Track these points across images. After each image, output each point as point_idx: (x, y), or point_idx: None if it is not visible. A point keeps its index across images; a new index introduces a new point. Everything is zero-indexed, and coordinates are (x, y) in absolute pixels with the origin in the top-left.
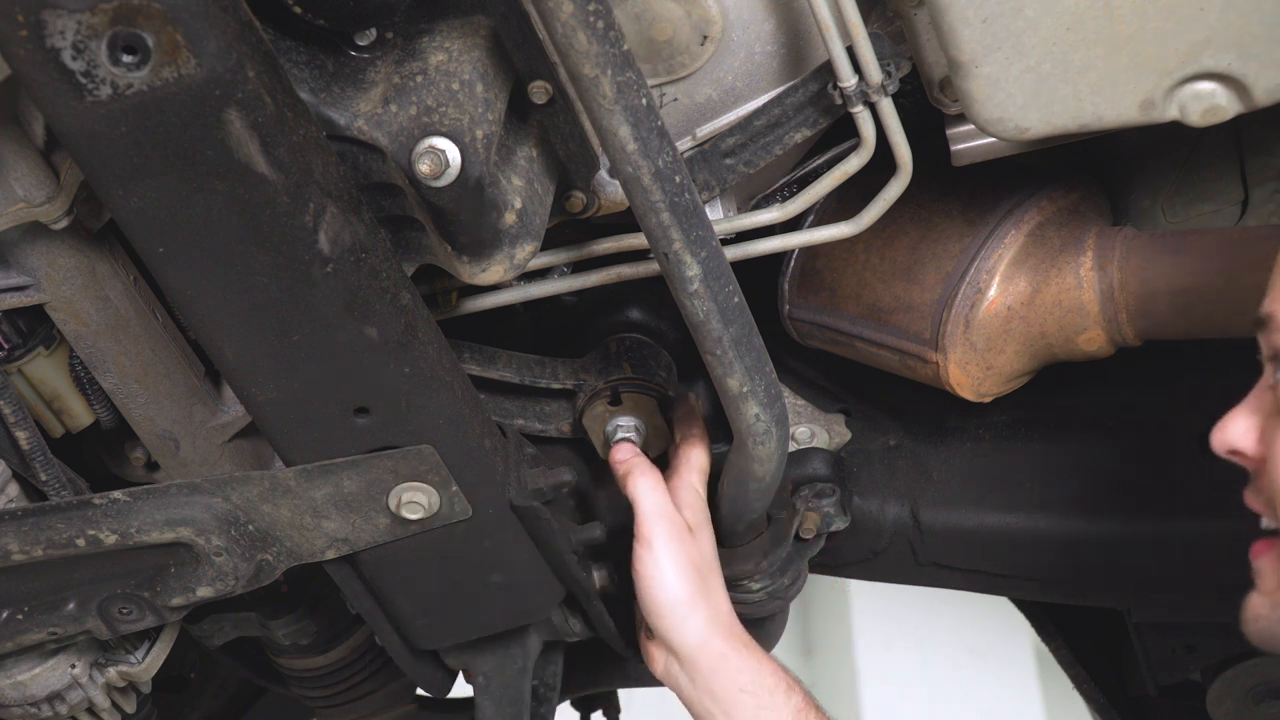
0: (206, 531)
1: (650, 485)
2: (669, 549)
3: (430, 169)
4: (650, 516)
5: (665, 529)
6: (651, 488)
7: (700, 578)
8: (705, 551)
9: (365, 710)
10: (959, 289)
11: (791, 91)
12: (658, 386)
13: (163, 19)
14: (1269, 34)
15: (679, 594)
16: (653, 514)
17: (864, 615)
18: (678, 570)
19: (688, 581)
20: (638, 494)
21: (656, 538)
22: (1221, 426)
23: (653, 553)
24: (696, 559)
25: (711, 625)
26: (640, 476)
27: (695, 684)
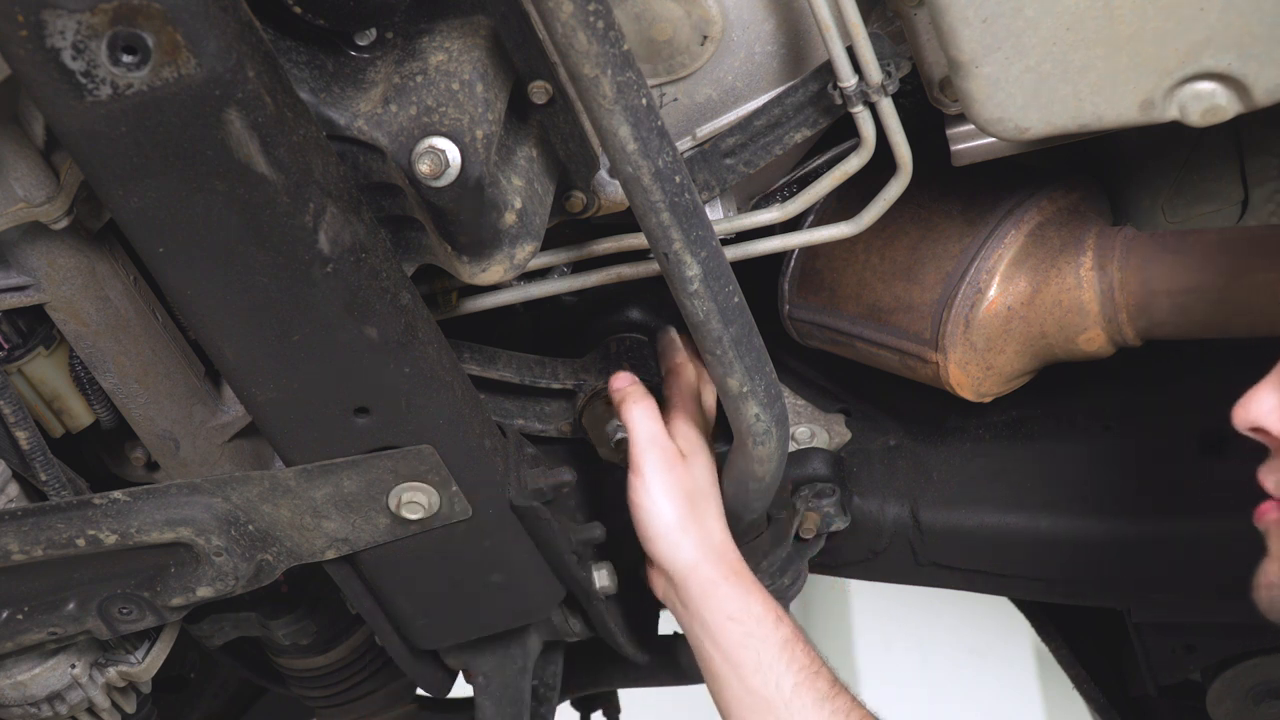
0: (206, 531)
1: (643, 412)
2: (659, 475)
3: (430, 169)
4: (642, 444)
5: (657, 456)
6: (644, 414)
7: (691, 503)
8: (698, 477)
9: (365, 710)
10: (959, 289)
11: (791, 91)
12: (658, 386)
13: (163, 19)
14: (1269, 34)
15: (669, 520)
16: (645, 441)
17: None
18: (669, 496)
19: (677, 507)
20: (631, 421)
21: (647, 465)
22: (1245, 403)
23: (643, 480)
24: (689, 485)
25: (702, 549)
26: (634, 404)
27: (687, 609)
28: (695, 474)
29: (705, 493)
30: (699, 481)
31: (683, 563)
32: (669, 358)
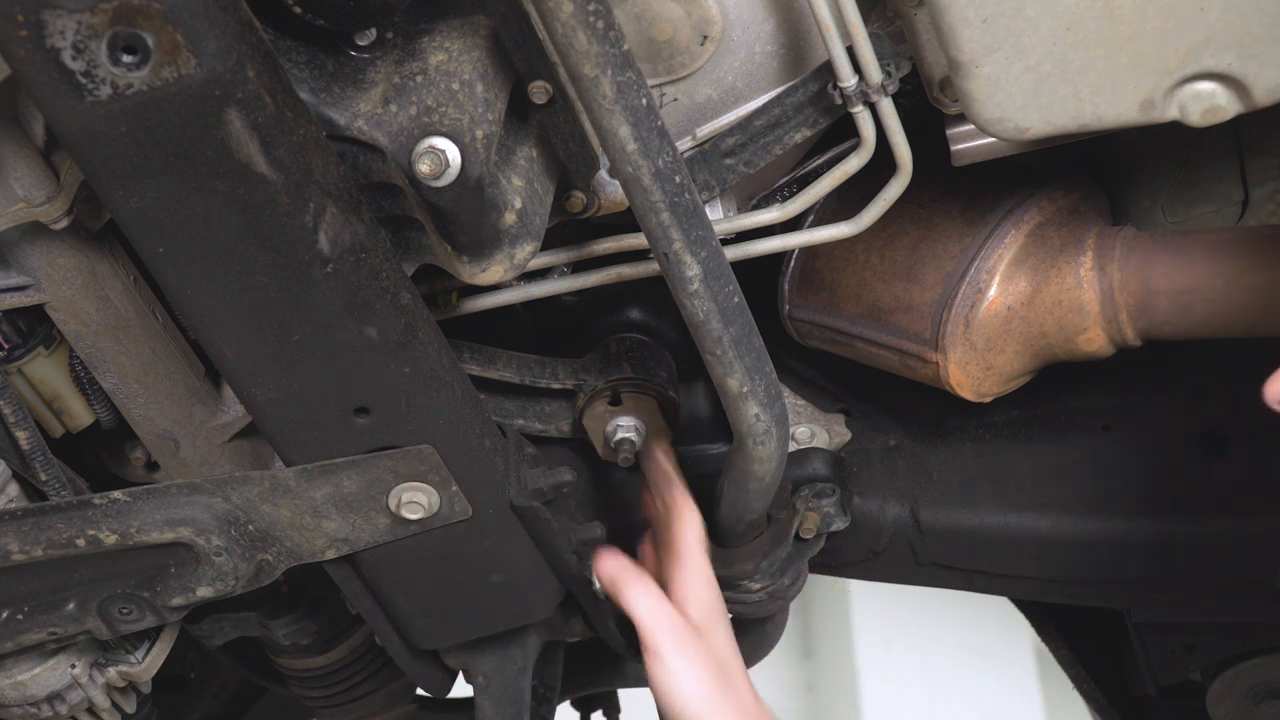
0: (206, 531)
1: (643, 594)
2: (680, 658)
3: (430, 169)
4: (653, 631)
5: (671, 640)
6: (645, 596)
7: (720, 677)
8: (719, 645)
9: (365, 710)
10: (959, 289)
11: (791, 91)
12: (658, 386)
13: (163, 19)
14: (1269, 34)
15: (700, 701)
16: (655, 626)
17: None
18: (694, 677)
19: (705, 685)
20: (634, 610)
21: (665, 650)
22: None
23: (664, 665)
24: (711, 658)
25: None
26: (631, 588)
27: None
28: (715, 644)
29: (730, 658)
30: (720, 651)
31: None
32: (664, 488)
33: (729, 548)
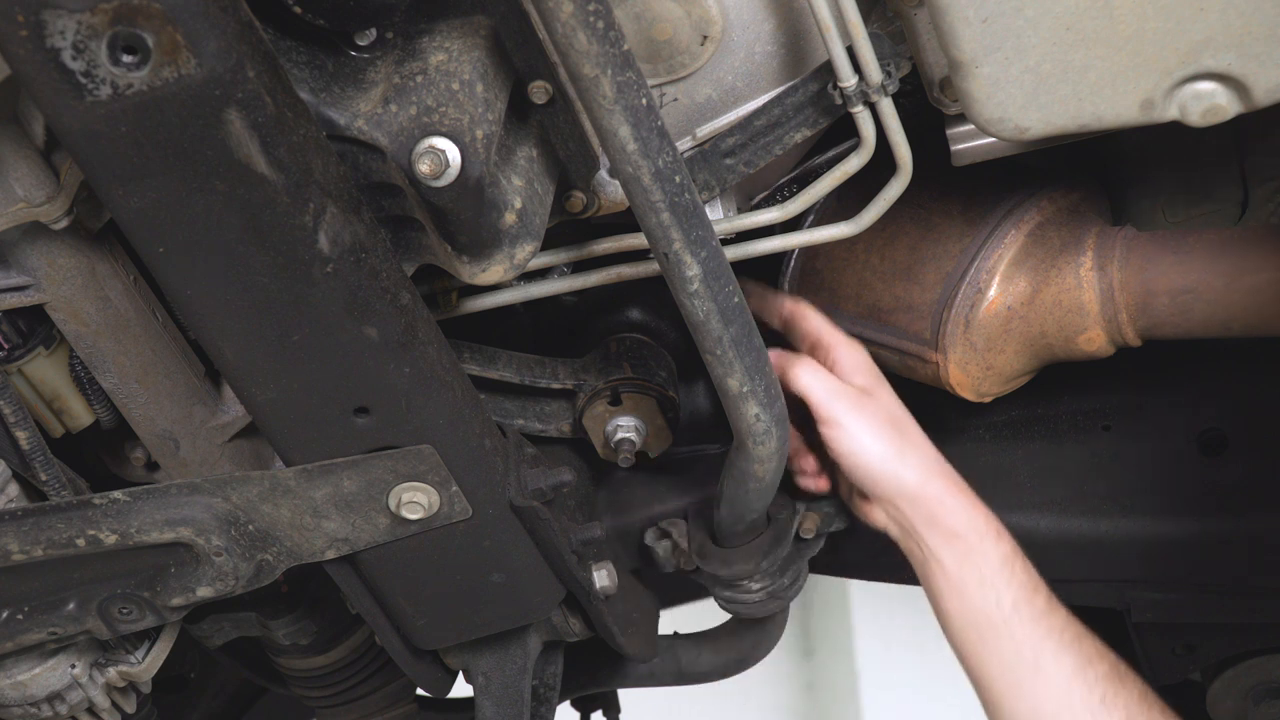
0: (206, 531)
1: (810, 371)
2: (856, 418)
3: (430, 169)
4: (825, 400)
5: (845, 404)
6: (811, 372)
7: (896, 430)
8: (888, 404)
9: (365, 710)
10: (959, 289)
11: (791, 91)
12: (658, 386)
13: (163, 19)
14: (1269, 34)
15: (883, 452)
16: (827, 396)
17: (864, 615)
18: (874, 433)
19: (886, 438)
20: (803, 385)
21: (840, 414)
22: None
23: (843, 429)
24: (884, 415)
25: (922, 470)
26: (798, 368)
27: (914, 533)
28: (885, 402)
29: (901, 416)
30: (891, 408)
31: (910, 486)
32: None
33: (729, 548)
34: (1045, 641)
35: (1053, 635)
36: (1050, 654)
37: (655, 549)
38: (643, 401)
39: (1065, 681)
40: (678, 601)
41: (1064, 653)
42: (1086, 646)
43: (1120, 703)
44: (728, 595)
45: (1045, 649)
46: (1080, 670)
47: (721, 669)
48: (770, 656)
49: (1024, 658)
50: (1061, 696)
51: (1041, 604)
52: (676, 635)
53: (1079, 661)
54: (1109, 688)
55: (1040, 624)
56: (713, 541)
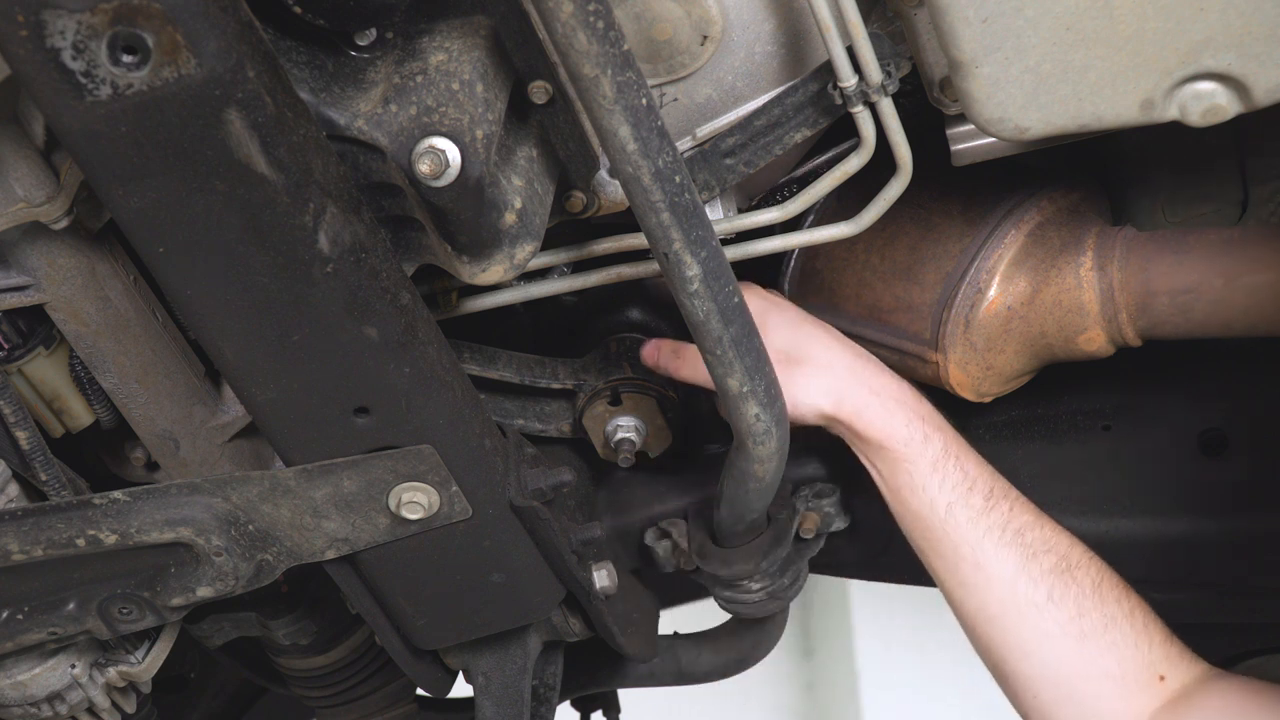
0: (206, 531)
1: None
2: None
3: (430, 169)
4: None
5: None
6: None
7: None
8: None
9: (365, 710)
10: (959, 289)
11: (791, 91)
12: (658, 386)
13: (163, 19)
14: (1269, 34)
15: None
16: None
17: (864, 615)
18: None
19: None
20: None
21: None
22: None
23: None
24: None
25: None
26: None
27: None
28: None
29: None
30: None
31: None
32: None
33: (729, 548)
34: (984, 541)
35: (992, 533)
36: (990, 553)
37: (655, 549)
38: (643, 401)
39: (1009, 579)
40: (678, 601)
41: (1004, 550)
42: (1031, 540)
43: (1070, 595)
44: (728, 595)
45: (984, 548)
46: (1023, 567)
47: (721, 669)
48: (770, 656)
49: (964, 557)
50: (1005, 594)
51: (978, 502)
52: (676, 635)
53: (1021, 558)
54: (1056, 582)
55: (978, 523)
56: (713, 541)
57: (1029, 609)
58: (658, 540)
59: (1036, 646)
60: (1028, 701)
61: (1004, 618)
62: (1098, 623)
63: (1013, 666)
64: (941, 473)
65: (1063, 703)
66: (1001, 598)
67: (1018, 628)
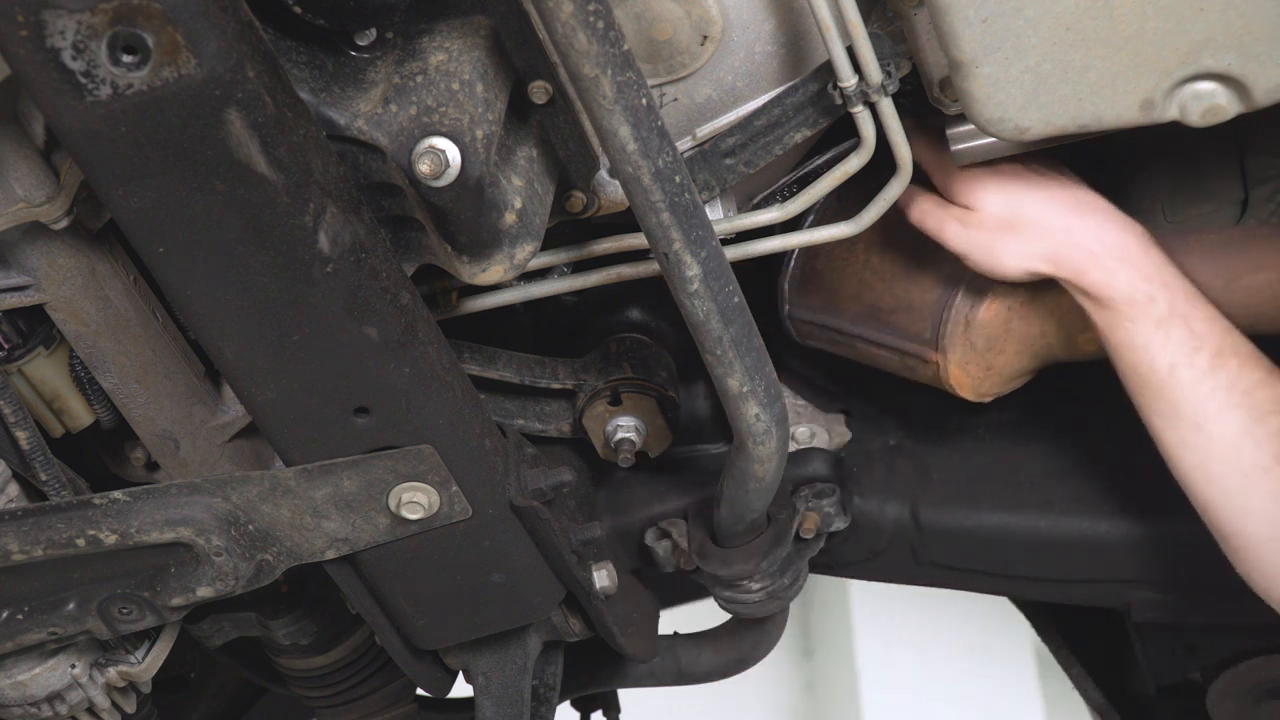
0: (206, 531)
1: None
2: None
3: (430, 169)
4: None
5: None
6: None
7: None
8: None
9: (365, 710)
10: (959, 289)
11: (791, 91)
12: (658, 386)
13: (163, 19)
14: (1269, 34)
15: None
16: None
17: (864, 615)
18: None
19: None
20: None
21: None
22: None
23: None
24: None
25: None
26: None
27: None
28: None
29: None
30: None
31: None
32: None
33: (729, 548)
34: (1208, 402)
35: (1217, 394)
36: (1213, 414)
37: (655, 549)
38: (643, 401)
39: (1232, 441)
40: (678, 601)
41: (1229, 411)
42: (1260, 399)
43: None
44: (728, 595)
45: (1207, 409)
46: (1248, 429)
47: (721, 669)
48: (770, 656)
49: (1184, 416)
50: (1228, 455)
51: (1204, 362)
52: (676, 635)
53: (1247, 420)
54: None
55: (1201, 384)
56: (713, 541)
57: (1255, 472)
58: (658, 540)
59: (1261, 507)
60: (1251, 562)
61: (1225, 479)
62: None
63: (1235, 527)
64: (1165, 331)
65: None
66: (1224, 458)
67: (1241, 490)
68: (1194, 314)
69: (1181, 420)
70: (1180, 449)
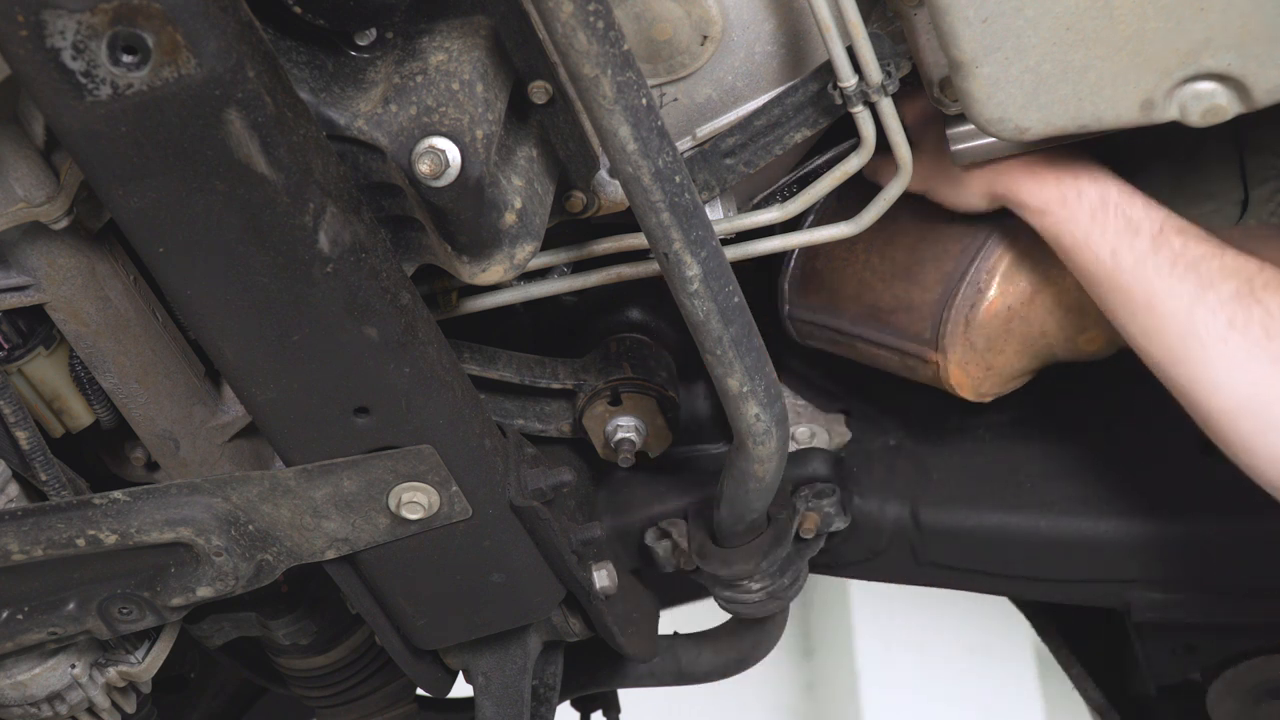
0: (206, 531)
1: None
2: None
3: (430, 169)
4: None
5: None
6: None
7: None
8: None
9: (365, 710)
10: (959, 289)
11: (791, 91)
12: (658, 386)
13: (163, 19)
14: (1269, 34)
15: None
16: None
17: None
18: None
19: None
20: None
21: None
22: None
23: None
24: None
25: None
26: None
27: None
28: None
29: None
30: None
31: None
32: None
33: (729, 548)
34: (1154, 280)
35: (1161, 271)
36: (1162, 290)
37: (655, 549)
38: (643, 401)
39: (1184, 313)
40: (678, 601)
41: (1176, 285)
42: (1208, 269)
43: (1254, 318)
44: (728, 595)
45: (1154, 287)
46: (1199, 298)
47: (721, 669)
48: (770, 656)
49: (1136, 301)
50: (1185, 329)
51: (1144, 243)
52: (676, 635)
53: (1196, 289)
54: (1237, 308)
55: (1145, 265)
56: (713, 541)
57: (1213, 341)
58: (658, 540)
59: (1226, 377)
60: (1230, 437)
61: (1187, 354)
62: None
63: (1207, 404)
64: (1100, 222)
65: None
66: (1181, 334)
67: (1201, 362)
68: (1130, 202)
69: (1136, 306)
70: (1144, 339)
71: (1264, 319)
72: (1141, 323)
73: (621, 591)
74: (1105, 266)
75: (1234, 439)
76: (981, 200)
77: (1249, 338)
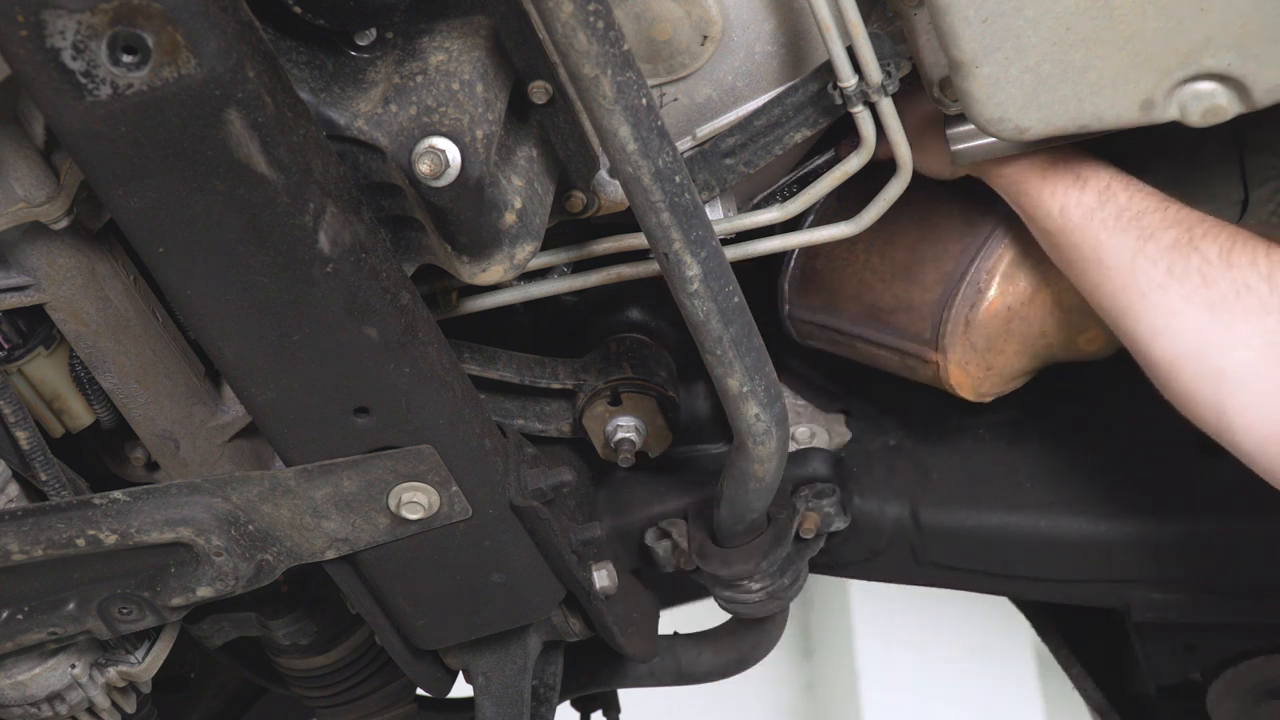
0: (206, 531)
1: None
2: None
3: (430, 169)
4: None
5: None
6: None
7: None
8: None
9: (365, 710)
10: (959, 289)
11: (791, 91)
12: (658, 386)
13: (163, 19)
14: (1269, 34)
15: None
16: None
17: (864, 615)
18: None
19: None
20: None
21: None
22: None
23: None
24: None
25: None
26: None
27: None
28: None
29: None
30: None
31: None
32: None
33: (729, 548)
34: (1099, 233)
35: (1106, 224)
36: (1106, 242)
37: (655, 549)
38: (643, 401)
39: (1126, 264)
40: (678, 601)
41: (1119, 236)
42: (1151, 222)
43: (1192, 266)
44: (728, 595)
45: (1100, 240)
46: (1140, 248)
47: (721, 669)
48: (770, 656)
49: (1086, 257)
50: (1128, 281)
51: (1091, 199)
52: (676, 635)
53: (1137, 240)
54: (1175, 256)
55: (1092, 219)
56: (713, 541)
57: (1150, 289)
58: (658, 540)
59: (1165, 324)
60: (1171, 385)
61: (1130, 303)
62: (1227, 291)
63: (1148, 352)
64: (1050, 182)
65: (1204, 377)
66: (1125, 284)
67: (1141, 309)
68: (1080, 162)
69: (1086, 261)
70: (1095, 292)
71: (1202, 266)
72: (1093, 277)
73: (621, 591)
74: (1056, 223)
75: (1175, 386)
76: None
77: (1187, 285)
